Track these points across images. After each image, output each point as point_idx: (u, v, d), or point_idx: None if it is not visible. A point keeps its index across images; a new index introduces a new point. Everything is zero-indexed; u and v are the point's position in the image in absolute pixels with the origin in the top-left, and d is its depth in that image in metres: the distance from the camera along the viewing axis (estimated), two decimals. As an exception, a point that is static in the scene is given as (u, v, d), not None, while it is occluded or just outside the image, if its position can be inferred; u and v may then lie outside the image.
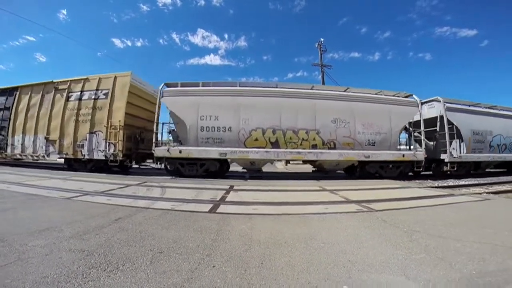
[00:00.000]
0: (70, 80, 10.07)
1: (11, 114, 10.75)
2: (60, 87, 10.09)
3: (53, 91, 10.11)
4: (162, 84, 9.04)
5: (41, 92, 10.34)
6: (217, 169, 8.82)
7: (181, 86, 9.10)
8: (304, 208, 4.01)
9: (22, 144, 10.30)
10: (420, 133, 9.73)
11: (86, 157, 9.28)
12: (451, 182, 8.89)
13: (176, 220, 3.15)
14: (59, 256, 1.99)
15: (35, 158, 10.25)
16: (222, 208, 3.89)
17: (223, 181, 7.22)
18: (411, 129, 10.59)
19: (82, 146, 9.36)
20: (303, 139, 8.71)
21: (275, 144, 8.59)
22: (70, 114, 9.65)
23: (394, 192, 5.95)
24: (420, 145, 10.02)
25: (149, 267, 1.86)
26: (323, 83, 20.60)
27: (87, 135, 9.31)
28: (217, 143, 8.47)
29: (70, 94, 9.88)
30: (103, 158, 9.03)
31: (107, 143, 9.00)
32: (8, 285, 1.57)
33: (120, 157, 8.93)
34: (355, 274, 1.85)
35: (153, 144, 8.64)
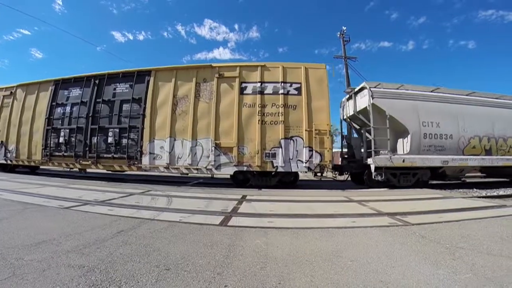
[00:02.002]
0: (239, 66, 8.76)
1: (145, 109, 8.85)
2: (227, 74, 8.64)
3: (215, 78, 8.62)
4: (364, 83, 9.14)
5: (193, 79, 8.74)
6: (427, 178, 9.16)
7: (384, 88, 9.08)
8: (328, 221, 3.96)
9: (170, 153, 8.45)
10: None
11: (280, 169, 8.10)
12: (501, 192, 8.52)
13: (183, 233, 3.19)
14: (57, 272, 2.04)
15: (194, 171, 8.48)
16: (234, 221, 3.91)
17: (235, 191, 7.26)
18: None
19: (274, 155, 8.12)
20: (510, 146, 9.74)
21: (489, 152, 9.43)
22: (250, 112, 8.33)
23: (433, 203, 5.78)
24: None
25: (154, 286, 1.88)
26: (347, 77, 20.38)
27: (282, 141, 8.16)
28: (437, 150, 8.89)
29: (244, 85, 8.53)
30: (305, 170, 8.18)
31: (311, 152, 8.10)
32: (2, 303, 1.62)
33: (329, 168, 8.25)
34: (389, 298, 1.80)
35: (372, 153, 8.41)
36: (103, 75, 9.86)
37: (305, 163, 8.05)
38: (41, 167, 11.87)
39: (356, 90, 9.86)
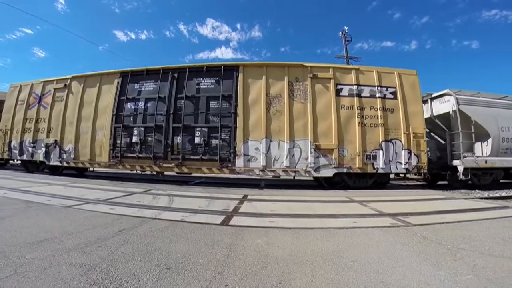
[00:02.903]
0: (333, 67, 8.70)
1: (236, 107, 8.37)
2: (320, 74, 8.47)
3: (309, 79, 8.40)
4: (447, 90, 9.60)
5: (285, 78, 8.45)
6: (501, 177, 9.85)
7: (464, 95, 9.64)
8: (329, 222, 3.96)
9: (266, 154, 8.07)
10: None
11: (381, 170, 8.16)
12: (504, 193, 8.48)
13: (185, 232, 3.20)
14: (58, 270, 2.05)
15: (291, 173, 8.11)
16: (235, 220, 3.91)
17: (236, 190, 7.26)
18: None
19: (374, 157, 8.14)
20: None
21: None
22: (348, 114, 8.27)
23: (435, 204, 5.75)
24: None
25: (155, 285, 1.89)
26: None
27: (383, 143, 8.18)
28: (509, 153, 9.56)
29: (340, 86, 8.43)
30: (403, 171, 8.44)
31: (409, 154, 8.23)
32: (3, 302, 1.62)
33: (425, 169, 8.35)
34: (390, 298, 1.80)
35: (461, 155, 8.89)
36: (183, 68, 9.10)
37: (404, 164, 8.19)
38: (105, 170, 10.54)
39: (434, 95, 10.26)
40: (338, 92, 8.39)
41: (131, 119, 9.11)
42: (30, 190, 5.89)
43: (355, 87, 8.40)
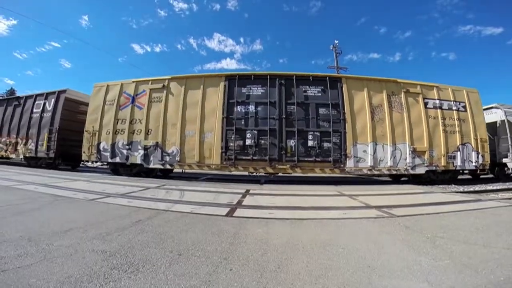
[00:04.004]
0: (420, 84, 9.27)
1: (344, 114, 8.54)
2: (411, 90, 9.08)
3: (403, 93, 8.92)
4: (496, 104, 10.63)
5: (384, 91, 8.86)
6: None
7: (507, 108, 10.39)
8: (322, 213, 3.95)
9: (373, 156, 8.41)
10: None
11: (458, 167, 9.02)
12: (477, 187, 8.46)
13: (194, 223, 3.21)
14: (82, 256, 2.07)
15: (393, 172, 8.62)
16: (238, 212, 3.91)
17: (239, 185, 7.26)
18: None
19: (454, 157, 8.93)
20: None
21: None
22: (434, 123, 8.91)
23: (416, 197, 5.74)
24: None
25: (168, 269, 1.90)
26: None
27: (460, 146, 8.97)
28: None
29: (426, 100, 9.07)
30: (473, 168, 9.22)
31: (477, 154, 9.11)
32: (34, 284, 1.63)
33: (487, 166, 9.39)
34: (376, 280, 1.80)
35: (510, 154, 9.67)
36: (289, 76, 8.86)
37: (474, 162, 9.05)
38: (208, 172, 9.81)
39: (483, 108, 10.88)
40: (425, 104, 9.03)
41: (243, 122, 8.62)
42: (58, 185, 5.89)
43: (437, 101, 9.12)
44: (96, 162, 10.47)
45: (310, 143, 8.36)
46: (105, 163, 10.02)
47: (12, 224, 2.87)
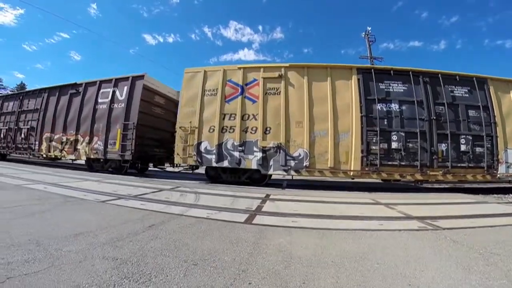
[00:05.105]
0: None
1: (494, 117, 8.46)
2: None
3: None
4: None
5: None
6: None
7: None
8: (354, 223, 3.84)
9: None
10: None
11: None
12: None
13: (210, 229, 3.23)
14: (92, 263, 2.13)
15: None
16: (258, 219, 3.90)
17: (259, 189, 7.25)
18: None
19: None
20: None
21: None
22: None
23: (466, 207, 5.45)
24: None
25: (182, 281, 1.91)
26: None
27: None
28: None
29: None
30: None
31: None
32: (40, 293, 1.68)
33: None
34: (419, 304, 1.71)
35: None
36: (434, 74, 8.62)
37: None
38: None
39: None
40: None
41: (385, 123, 8.16)
42: (68, 185, 6.18)
43: None
44: (193, 166, 9.31)
45: (462, 147, 8.20)
46: (191, 167, 9.28)
47: (23, 226, 3.03)
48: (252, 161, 8.29)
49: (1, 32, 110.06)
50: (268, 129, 8.32)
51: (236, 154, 8.40)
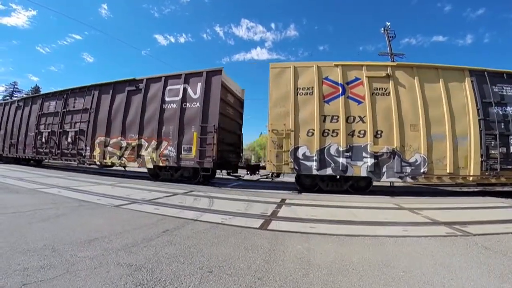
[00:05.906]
0: None
1: None
2: None
3: None
4: None
5: None
6: None
7: None
8: (376, 229, 3.75)
9: None
10: None
11: None
12: None
13: (225, 235, 3.24)
14: (107, 270, 2.17)
15: None
16: (274, 225, 3.88)
17: (274, 194, 7.23)
18: None
19: None
20: None
21: None
22: None
23: (498, 212, 5.24)
24: None
25: (197, 288, 1.92)
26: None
27: None
28: None
29: None
30: None
31: None
32: (55, 300, 1.72)
33: None
34: (449, 316, 1.65)
35: None
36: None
37: None
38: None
39: None
40: None
41: (502, 126, 8.06)
42: (82, 189, 6.36)
43: None
44: (273, 174, 8.87)
45: None
46: (271, 175, 8.98)
47: (38, 231, 3.13)
48: (362, 168, 7.86)
49: (15, 35, 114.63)
50: (379, 132, 7.95)
51: (342, 160, 7.91)
